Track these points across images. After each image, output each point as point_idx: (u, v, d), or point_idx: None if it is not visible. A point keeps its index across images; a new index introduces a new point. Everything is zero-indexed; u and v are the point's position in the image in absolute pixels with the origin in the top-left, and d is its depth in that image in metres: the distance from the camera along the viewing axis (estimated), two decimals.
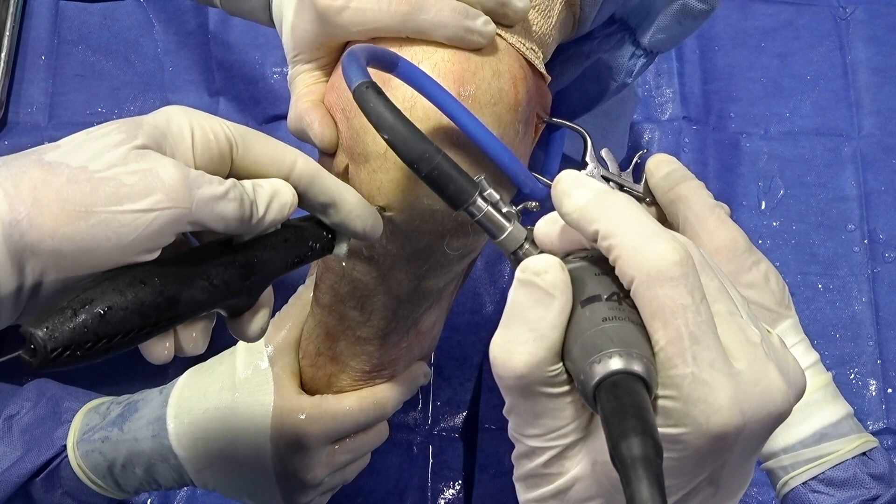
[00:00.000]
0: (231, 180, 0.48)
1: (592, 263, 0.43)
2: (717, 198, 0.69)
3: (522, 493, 0.46)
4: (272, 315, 0.73)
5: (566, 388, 0.42)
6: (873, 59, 1.16)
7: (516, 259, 0.48)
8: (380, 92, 0.49)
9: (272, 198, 0.50)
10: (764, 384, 0.40)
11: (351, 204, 0.54)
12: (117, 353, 0.46)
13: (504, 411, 0.44)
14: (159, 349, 0.49)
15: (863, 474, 0.73)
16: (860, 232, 1.08)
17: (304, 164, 0.52)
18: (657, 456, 0.36)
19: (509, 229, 0.48)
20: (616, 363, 0.38)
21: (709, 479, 0.41)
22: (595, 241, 0.42)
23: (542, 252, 0.47)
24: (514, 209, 0.49)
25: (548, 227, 0.47)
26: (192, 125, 0.49)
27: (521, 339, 0.41)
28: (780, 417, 0.41)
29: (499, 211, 0.49)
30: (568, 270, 0.43)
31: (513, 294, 0.43)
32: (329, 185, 0.53)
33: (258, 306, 0.54)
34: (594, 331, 0.40)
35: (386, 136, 0.49)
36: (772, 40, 1.17)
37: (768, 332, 0.43)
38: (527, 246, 0.48)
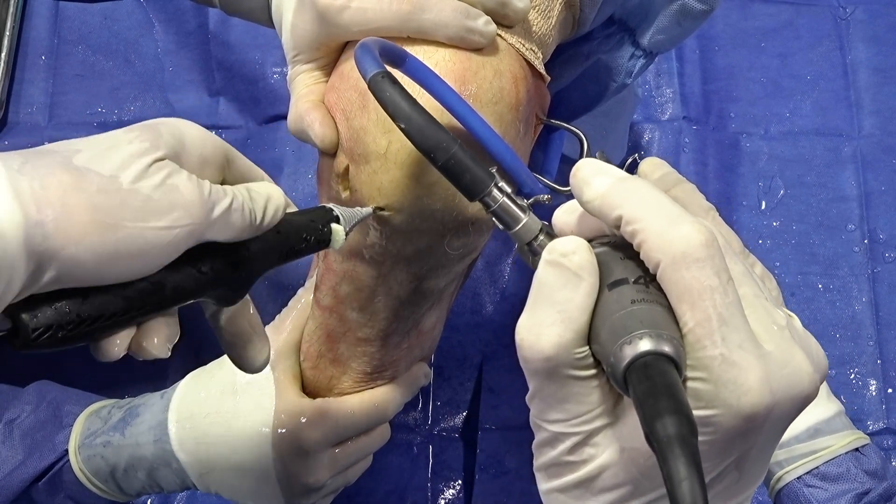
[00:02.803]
0: (231, 189, 0.49)
1: (615, 249, 0.43)
2: (716, 198, 0.69)
3: (544, 483, 0.46)
4: (268, 319, 0.73)
5: (593, 371, 0.42)
6: (873, 59, 1.16)
7: (531, 251, 0.48)
8: (395, 82, 0.49)
9: (267, 202, 0.51)
10: (791, 366, 0.40)
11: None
12: (103, 338, 0.46)
13: (527, 398, 0.44)
14: (111, 346, 0.48)
15: (856, 469, 0.74)
16: (860, 232, 1.08)
17: (270, 182, 0.54)
18: (692, 434, 0.36)
19: (524, 220, 0.48)
20: (646, 344, 0.38)
21: (735, 464, 0.42)
22: (618, 227, 0.42)
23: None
24: (525, 202, 0.49)
25: (567, 216, 0.47)
26: (204, 140, 0.50)
27: (549, 321, 0.41)
28: (806, 399, 0.41)
29: (513, 202, 0.49)
30: None
31: (540, 275, 0.43)
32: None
33: (254, 338, 0.55)
34: (623, 313, 0.40)
35: (402, 126, 0.49)
36: (772, 40, 1.17)
37: (789, 316, 0.44)
38: (541, 237, 0.48)
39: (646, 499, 0.42)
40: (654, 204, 0.41)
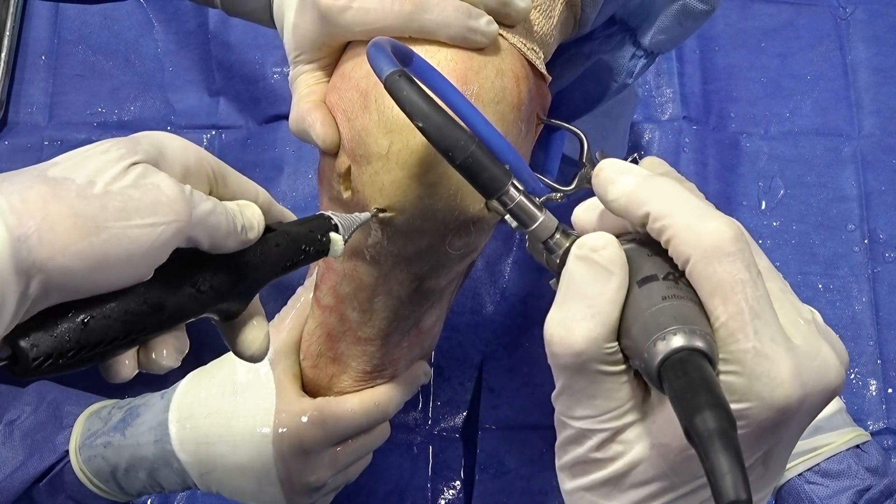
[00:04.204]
0: (212, 198, 0.49)
1: (641, 246, 0.44)
2: (717, 198, 0.69)
3: (568, 482, 0.45)
4: (268, 318, 0.73)
5: (622, 367, 0.42)
6: (873, 59, 1.16)
7: (547, 249, 0.47)
8: (412, 81, 0.49)
9: (244, 213, 0.51)
10: (819, 359, 0.41)
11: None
12: (106, 360, 0.46)
13: (553, 395, 0.44)
14: (120, 367, 0.48)
15: (857, 466, 0.74)
16: (860, 232, 1.08)
17: (265, 194, 0.55)
18: (732, 428, 0.36)
19: (541, 218, 0.48)
20: (679, 340, 0.38)
21: (763, 458, 0.42)
22: (644, 224, 0.42)
23: (576, 239, 0.46)
24: (538, 200, 0.49)
25: (588, 214, 0.47)
26: (186, 150, 0.49)
27: (580, 316, 0.41)
28: (834, 392, 0.41)
29: (530, 200, 0.48)
30: None
31: (570, 270, 0.43)
32: (279, 212, 0.56)
33: (253, 322, 0.54)
34: (654, 309, 0.40)
35: (420, 124, 0.48)
36: (772, 40, 1.17)
37: (811, 311, 0.44)
38: (557, 236, 0.47)
39: (674, 495, 0.42)
40: (682, 200, 0.42)
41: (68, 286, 0.42)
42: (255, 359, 0.56)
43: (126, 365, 0.47)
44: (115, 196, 0.43)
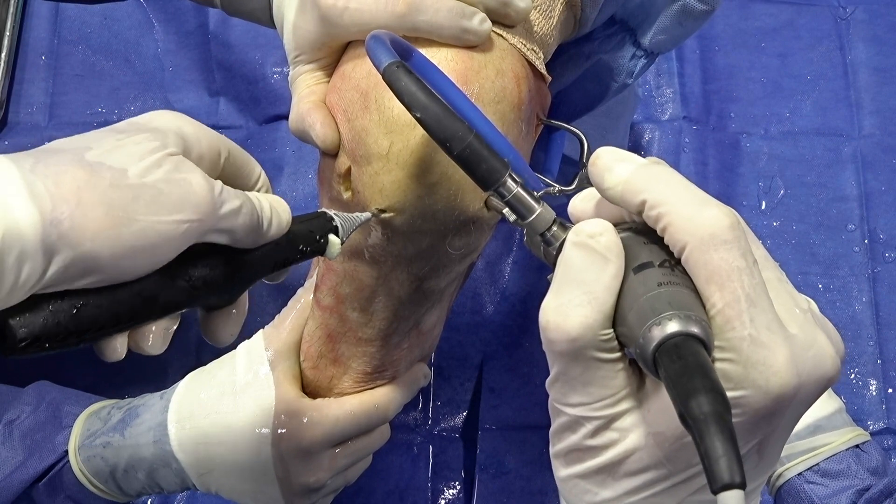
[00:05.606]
0: (243, 193, 0.49)
1: (637, 234, 0.44)
2: (716, 197, 0.69)
3: (562, 469, 0.45)
4: (268, 319, 0.73)
5: (618, 354, 0.42)
6: (873, 59, 1.16)
7: (545, 241, 0.47)
8: (410, 72, 0.49)
9: (272, 213, 0.51)
10: (815, 348, 0.41)
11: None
12: (91, 343, 0.47)
13: (548, 382, 0.44)
14: (112, 347, 0.49)
15: (856, 466, 0.74)
16: (860, 232, 1.08)
17: (264, 176, 0.56)
18: (727, 412, 0.36)
19: (539, 210, 0.48)
20: (674, 325, 0.39)
21: (757, 446, 0.42)
22: (640, 212, 0.42)
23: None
24: (536, 193, 0.49)
25: (584, 204, 0.47)
26: (199, 134, 0.50)
27: (576, 302, 0.42)
28: (830, 381, 0.41)
29: (527, 192, 0.48)
30: None
31: (567, 256, 0.43)
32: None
33: (232, 312, 0.55)
34: (650, 295, 0.40)
35: (418, 115, 0.48)
36: (772, 40, 1.17)
37: (807, 300, 0.44)
38: (555, 228, 0.47)
39: (669, 483, 0.43)
40: (679, 188, 0.42)
41: (92, 271, 0.43)
42: (219, 345, 0.56)
43: (119, 344, 0.48)
44: (148, 188, 0.44)
